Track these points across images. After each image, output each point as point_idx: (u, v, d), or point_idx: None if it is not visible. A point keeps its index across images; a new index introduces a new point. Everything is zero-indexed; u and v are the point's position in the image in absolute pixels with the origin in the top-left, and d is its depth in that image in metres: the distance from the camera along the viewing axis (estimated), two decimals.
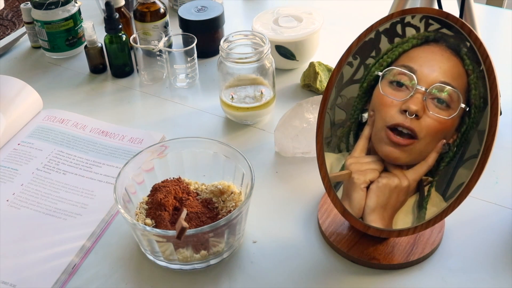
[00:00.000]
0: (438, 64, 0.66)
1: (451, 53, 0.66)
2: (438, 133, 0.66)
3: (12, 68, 1.15)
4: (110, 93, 1.07)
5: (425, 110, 0.66)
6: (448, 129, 0.66)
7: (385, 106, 0.69)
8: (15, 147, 0.91)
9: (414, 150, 0.67)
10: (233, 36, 0.93)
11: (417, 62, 0.68)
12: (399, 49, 0.69)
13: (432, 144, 0.67)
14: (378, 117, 0.70)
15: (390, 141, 0.68)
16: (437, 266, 0.71)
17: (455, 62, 0.66)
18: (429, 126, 0.66)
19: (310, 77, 1.02)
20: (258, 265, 0.73)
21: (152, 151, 0.79)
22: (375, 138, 0.70)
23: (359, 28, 0.74)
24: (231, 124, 0.97)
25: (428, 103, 0.66)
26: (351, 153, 0.72)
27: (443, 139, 0.67)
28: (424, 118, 0.66)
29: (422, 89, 0.67)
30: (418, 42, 0.68)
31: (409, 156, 0.68)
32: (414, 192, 0.69)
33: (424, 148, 0.67)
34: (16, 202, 0.82)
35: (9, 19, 2.26)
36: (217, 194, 0.77)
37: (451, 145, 0.67)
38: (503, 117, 0.89)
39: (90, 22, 1.06)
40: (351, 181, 0.71)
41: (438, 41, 0.67)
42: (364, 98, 0.72)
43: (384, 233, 0.70)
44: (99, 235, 0.77)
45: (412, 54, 0.69)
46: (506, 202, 0.79)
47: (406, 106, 0.67)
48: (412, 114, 0.66)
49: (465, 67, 0.65)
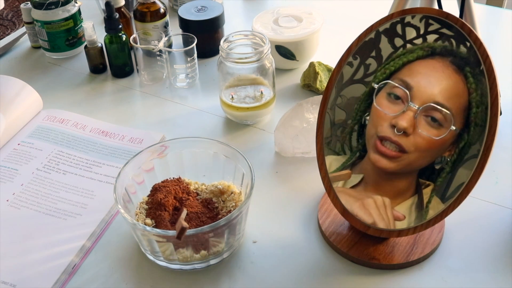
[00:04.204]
0: (436, 82, 0.66)
1: (454, 70, 0.65)
2: (429, 149, 0.67)
3: (12, 68, 1.15)
4: (110, 93, 1.07)
5: (414, 128, 0.66)
6: (438, 148, 0.66)
7: (378, 116, 0.70)
8: (15, 147, 0.91)
9: (403, 162, 0.68)
10: (233, 36, 0.93)
11: (416, 77, 0.67)
12: (404, 59, 0.69)
13: (422, 158, 0.67)
14: (371, 124, 0.71)
15: (378, 150, 0.69)
16: (437, 266, 0.71)
17: (455, 80, 0.65)
18: (418, 143, 0.66)
19: (310, 77, 1.02)
20: (258, 265, 0.73)
21: (152, 151, 0.79)
22: (368, 143, 0.71)
23: (359, 28, 0.74)
24: (231, 124, 0.97)
25: (419, 121, 0.66)
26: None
27: (437, 153, 0.67)
28: (414, 135, 0.66)
29: (414, 107, 0.66)
30: (423, 53, 0.68)
31: (398, 166, 0.68)
32: (413, 194, 0.69)
33: (414, 160, 0.67)
34: (16, 202, 0.82)
35: (9, 19, 2.26)
36: (217, 194, 0.77)
37: (447, 159, 0.66)
38: (503, 117, 0.89)
39: (90, 22, 1.06)
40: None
41: (444, 55, 0.66)
42: (368, 101, 0.72)
43: (384, 233, 0.70)
44: (99, 235, 0.77)
45: (414, 67, 0.68)
46: (506, 202, 0.79)
47: (395, 122, 0.67)
48: (400, 131, 0.67)
49: (468, 85, 0.64)
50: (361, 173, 0.72)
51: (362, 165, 0.72)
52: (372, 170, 0.71)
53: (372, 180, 0.71)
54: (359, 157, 0.73)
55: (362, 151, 0.73)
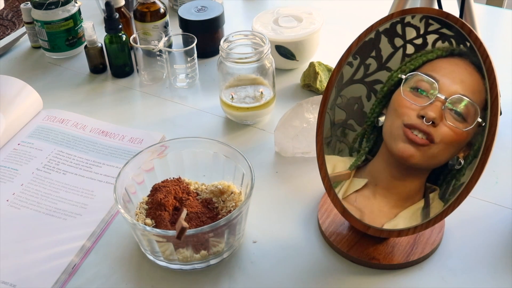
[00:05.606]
0: (459, 77, 0.66)
1: (474, 69, 0.66)
2: (454, 142, 0.66)
3: (12, 68, 1.15)
4: (110, 93, 1.07)
5: (442, 119, 0.66)
6: (463, 141, 0.66)
7: (404, 107, 0.69)
8: (15, 147, 0.91)
9: (428, 153, 0.67)
10: (233, 36, 0.93)
11: (440, 72, 0.67)
12: (423, 58, 0.69)
13: (445, 152, 0.67)
14: (394, 116, 0.69)
15: (406, 138, 0.68)
16: (437, 266, 0.71)
17: (476, 78, 0.65)
18: (445, 134, 0.66)
19: (310, 77, 1.02)
20: (258, 265, 0.73)
21: (152, 151, 0.79)
22: (390, 137, 0.70)
23: (359, 28, 0.74)
24: (231, 124, 0.97)
25: (445, 113, 0.66)
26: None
27: (458, 149, 0.67)
28: (441, 126, 0.66)
29: (442, 97, 0.66)
30: (443, 53, 0.68)
31: (423, 157, 0.67)
32: (420, 199, 0.69)
33: (438, 153, 0.67)
34: (16, 202, 0.82)
35: (9, 19, 2.26)
36: (217, 194, 0.77)
37: (461, 160, 0.66)
38: (503, 117, 0.89)
39: (90, 22, 1.06)
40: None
41: (463, 56, 0.67)
42: (383, 102, 0.72)
43: (384, 233, 0.70)
44: (99, 235, 0.77)
45: (436, 64, 0.68)
46: (506, 202, 0.79)
47: (425, 112, 0.67)
48: (429, 120, 0.66)
49: (485, 85, 0.65)
50: (366, 178, 0.72)
51: (370, 168, 0.72)
52: (384, 171, 0.71)
53: (384, 182, 0.71)
54: (364, 160, 0.73)
55: (369, 154, 0.72)
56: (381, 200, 0.71)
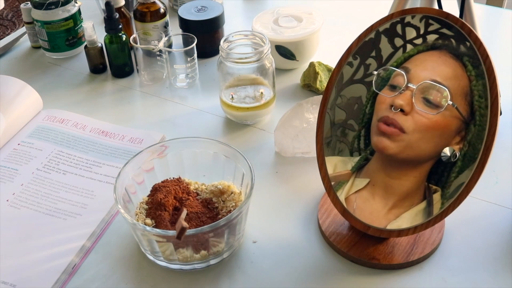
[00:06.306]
0: (431, 64, 0.68)
1: (451, 57, 0.67)
2: (429, 129, 0.67)
3: (12, 68, 1.15)
4: (110, 93, 1.07)
5: (412, 106, 0.67)
6: (440, 128, 0.67)
7: (379, 103, 0.71)
8: (15, 147, 0.91)
9: (404, 143, 0.68)
10: (233, 36, 0.93)
11: (412, 63, 0.69)
12: (406, 55, 0.70)
13: (424, 141, 0.67)
14: (374, 114, 0.71)
15: (378, 130, 0.70)
16: (437, 266, 0.71)
17: (453, 65, 0.66)
18: (418, 122, 0.67)
19: (310, 77, 1.02)
20: (258, 265, 0.73)
21: (152, 151, 0.79)
22: (371, 133, 0.72)
23: (359, 28, 0.74)
24: (231, 124, 0.97)
25: (416, 100, 0.67)
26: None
27: (441, 139, 0.67)
28: (412, 114, 0.68)
29: (412, 86, 0.68)
30: (424, 48, 0.69)
31: (399, 147, 0.68)
32: (422, 200, 0.69)
33: (415, 142, 0.68)
34: (16, 202, 0.82)
35: (9, 19, 2.26)
36: (217, 194, 0.77)
37: (457, 153, 0.66)
38: (503, 117, 0.89)
39: (90, 22, 1.06)
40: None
41: (441, 48, 0.68)
42: (373, 102, 0.72)
43: (384, 233, 0.70)
44: (99, 235, 0.77)
45: (414, 58, 0.70)
46: (506, 202, 0.79)
47: (392, 101, 0.69)
48: (397, 108, 0.68)
49: (467, 72, 0.65)
50: (367, 177, 0.72)
51: (369, 167, 0.72)
52: (380, 170, 0.71)
53: (381, 181, 0.71)
54: (365, 159, 0.73)
55: (370, 154, 0.72)
56: (379, 200, 0.71)
